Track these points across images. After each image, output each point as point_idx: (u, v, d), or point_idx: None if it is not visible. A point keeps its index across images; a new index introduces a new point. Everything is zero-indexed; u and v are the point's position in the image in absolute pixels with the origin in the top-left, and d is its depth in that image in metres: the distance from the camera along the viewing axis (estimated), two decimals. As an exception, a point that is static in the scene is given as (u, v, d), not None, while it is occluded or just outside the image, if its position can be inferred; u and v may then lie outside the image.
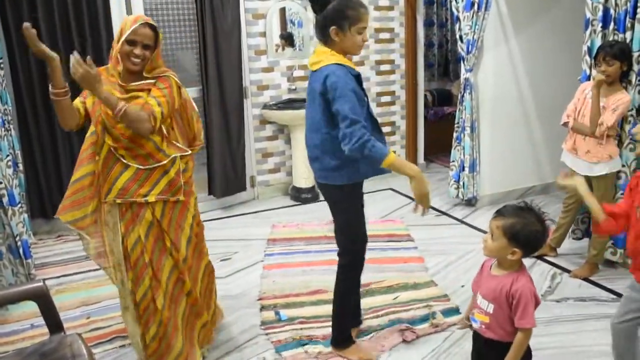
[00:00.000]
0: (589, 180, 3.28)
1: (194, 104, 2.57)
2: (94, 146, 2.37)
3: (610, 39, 3.22)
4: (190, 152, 2.50)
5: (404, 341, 2.73)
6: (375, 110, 5.55)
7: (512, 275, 1.85)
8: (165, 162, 2.34)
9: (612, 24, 3.22)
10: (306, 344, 2.71)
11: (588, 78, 3.38)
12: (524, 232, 1.79)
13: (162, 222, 2.37)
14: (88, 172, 2.38)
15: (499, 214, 1.86)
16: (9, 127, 3.51)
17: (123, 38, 2.19)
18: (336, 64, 2.27)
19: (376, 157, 2.19)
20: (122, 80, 2.28)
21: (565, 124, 3.31)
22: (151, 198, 2.33)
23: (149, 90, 2.29)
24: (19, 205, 3.34)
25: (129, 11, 4.48)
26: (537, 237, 1.81)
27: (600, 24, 3.27)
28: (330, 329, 2.69)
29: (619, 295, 3.11)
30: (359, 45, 2.33)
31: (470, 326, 2.02)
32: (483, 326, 1.90)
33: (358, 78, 2.33)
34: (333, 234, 2.64)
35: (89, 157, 2.38)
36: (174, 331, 2.43)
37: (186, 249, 2.45)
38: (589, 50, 3.35)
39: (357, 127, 2.15)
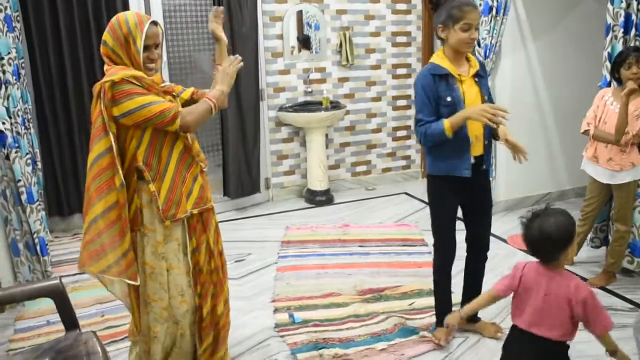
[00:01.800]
0: (608, 187, 3.25)
1: None
2: (111, 168, 2.01)
3: (632, 44, 3.18)
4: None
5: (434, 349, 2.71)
6: (391, 113, 5.55)
7: (562, 275, 1.92)
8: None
9: (633, 29, 3.18)
10: (323, 347, 2.70)
11: (608, 84, 3.34)
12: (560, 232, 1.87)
13: (217, 226, 2.33)
14: (111, 204, 2.01)
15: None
16: (29, 125, 3.55)
17: (141, 45, 2.01)
18: (430, 63, 2.49)
19: (438, 135, 2.39)
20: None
21: (586, 132, 3.26)
22: (213, 202, 2.28)
23: (169, 93, 2.17)
24: (37, 203, 3.37)
25: (147, 11, 4.51)
26: (569, 228, 1.90)
27: (622, 30, 3.23)
28: (346, 332, 2.79)
29: (636, 304, 3.07)
30: (465, 42, 2.40)
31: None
32: (523, 318, 1.95)
33: (443, 76, 2.43)
34: (347, 237, 2.68)
35: (107, 185, 2.00)
36: (225, 338, 2.41)
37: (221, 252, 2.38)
38: (610, 56, 3.30)
39: (418, 126, 2.45)
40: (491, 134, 2.62)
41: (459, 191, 2.57)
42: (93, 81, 4.26)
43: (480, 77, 2.56)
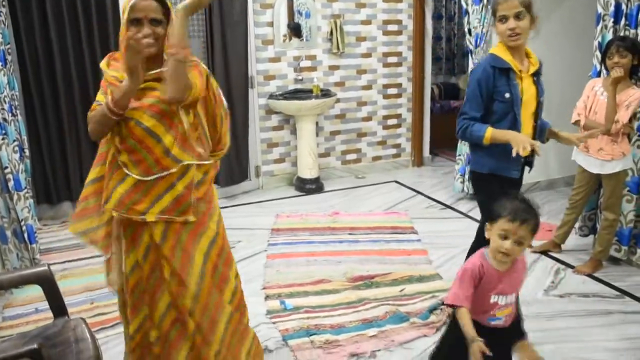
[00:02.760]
0: (597, 177, 3.28)
1: (223, 99, 2.06)
2: (107, 143, 1.96)
3: (622, 34, 3.19)
4: (210, 160, 2.01)
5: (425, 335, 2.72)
6: (381, 102, 5.54)
7: (518, 263, 1.90)
8: (173, 170, 1.87)
9: (623, 19, 3.19)
10: (314, 333, 2.71)
11: (599, 74, 3.35)
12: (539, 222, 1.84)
13: (163, 248, 1.90)
14: (98, 175, 1.99)
15: (522, 221, 1.76)
16: (15, 112, 3.51)
17: (124, 20, 1.77)
18: (490, 54, 2.42)
19: (476, 139, 2.35)
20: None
21: (577, 123, 3.28)
22: (150, 217, 1.87)
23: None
24: (25, 191, 3.34)
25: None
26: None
27: (612, 19, 3.24)
28: (337, 318, 2.79)
29: (623, 292, 3.11)
30: (505, 35, 2.34)
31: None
32: (508, 317, 1.92)
33: (504, 70, 2.34)
34: (337, 225, 2.60)
35: (102, 155, 1.99)
36: None
37: (198, 285, 1.93)
38: (600, 45, 3.32)
39: (461, 118, 2.40)
40: (541, 132, 2.58)
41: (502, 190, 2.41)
42: (81, 67, 4.28)
43: (539, 76, 2.47)
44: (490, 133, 2.30)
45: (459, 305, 1.81)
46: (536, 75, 2.45)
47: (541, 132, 2.60)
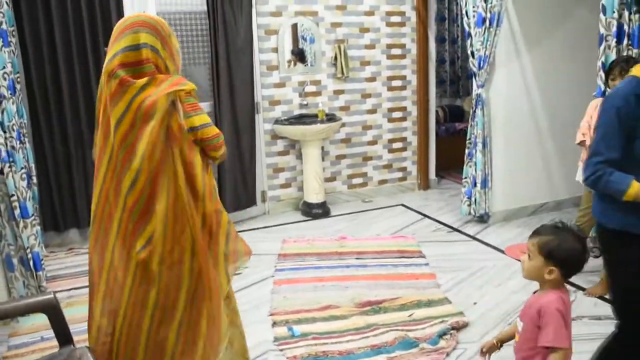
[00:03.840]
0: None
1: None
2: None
3: (625, 54, 3.20)
4: None
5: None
6: (386, 125, 5.56)
7: (547, 296, 1.79)
8: None
9: (626, 39, 3.21)
10: (322, 360, 2.68)
11: (603, 94, 3.35)
12: (559, 249, 1.74)
13: None
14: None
15: (535, 232, 1.81)
16: (24, 140, 3.54)
17: (179, 48, 1.94)
18: (632, 76, 1.94)
19: (614, 192, 1.90)
20: None
21: (582, 143, 3.27)
22: None
23: None
24: (32, 218, 3.35)
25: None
26: (575, 254, 1.75)
27: (615, 40, 3.26)
28: (346, 345, 2.72)
29: (636, 314, 3.05)
30: None
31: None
32: (515, 345, 1.86)
33: None
34: (344, 250, 2.52)
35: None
36: None
37: None
38: (603, 65, 3.33)
39: (593, 160, 1.93)
40: None
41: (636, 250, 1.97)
42: (89, 96, 4.33)
43: None
44: (636, 189, 1.84)
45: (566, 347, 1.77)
46: None
47: None
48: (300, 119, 5.03)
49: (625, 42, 3.21)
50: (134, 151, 1.75)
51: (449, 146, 6.24)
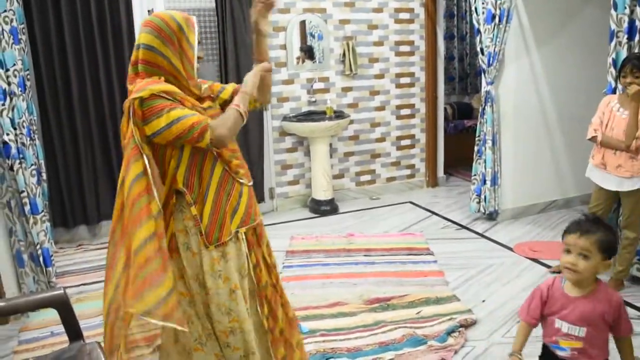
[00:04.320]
0: (615, 194, 3.23)
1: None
2: (146, 194, 1.77)
3: (636, 50, 3.17)
4: None
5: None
6: (395, 122, 5.55)
7: (601, 293, 1.79)
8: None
9: (637, 35, 3.17)
10: (331, 357, 2.68)
11: (613, 91, 3.32)
12: (614, 242, 1.80)
13: (263, 245, 2.12)
14: (148, 235, 1.74)
15: (585, 232, 1.73)
16: (34, 137, 3.57)
17: (196, 40, 1.90)
18: None
19: None
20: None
21: (593, 139, 3.24)
22: (260, 218, 2.10)
23: (212, 98, 2.04)
24: (42, 214, 3.37)
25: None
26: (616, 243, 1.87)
27: (626, 36, 3.22)
28: (354, 342, 2.71)
29: (647, 312, 3.03)
30: None
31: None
32: (575, 352, 1.82)
33: None
34: (352, 247, 2.52)
35: (144, 213, 1.75)
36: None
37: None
38: (614, 62, 3.29)
39: None
40: None
41: None
42: (98, 92, 4.35)
43: None
44: None
45: (521, 318, 1.88)
46: None
47: None
48: (309, 116, 5.03)
49: (637, 38, 3.17)
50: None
51: (457, 143, 6.21)
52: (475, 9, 4.38)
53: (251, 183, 2.05)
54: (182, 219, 1.92)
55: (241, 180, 1.98)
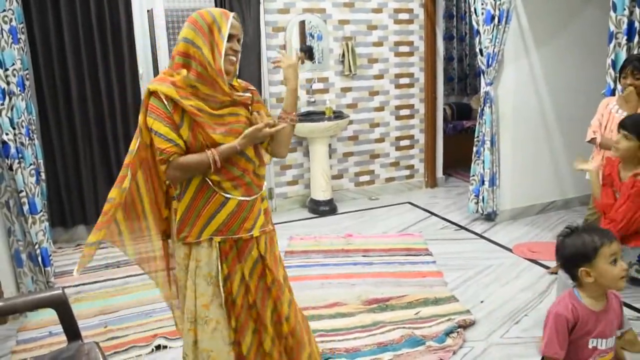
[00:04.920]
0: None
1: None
2: (127, 167, 1.98)
3: (635, 52, 3.17)
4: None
5: None
6: (394, 123, 5.55)
7: (611, 295, 1.79)
8: (264, 187, 2.10)
9: (636, 37, 3.18)
10: (329, 357, 2.67)
11: (612, 92, 3.33)
12: None
13: (267, 258, 2.05)
14: (111, 197, 2.01)
15: (613, 236, 1.72)
16: (33, 136, 3.56)
17: (227, 32, 1.87)
18: None
19: None
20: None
21: (592, 141, 3.24)
22: (256, 232, 2.02)
23: (246, 105, 2.02)
24: (41, 214, 3.37)
25: (150, 25, 4.55)
26: None
27: (625, 37, 3.23)
28: (352, 342, 2.69)
29: (645, 313, 3.04)
30: None
31: None
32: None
33: None
34: (350, 247, 2.52)
35: (120, 180, 1.99)
36: None
37: (289, 290, 2.16)
38: (613, 63, 3.30)
39: None
40: None
41: None
42: (97, 92, 4.35)
43: None
44: None
45: (556, 357, 1.69)
46: None
47: None
48: (308, 116, 5.03)
49: (636, 39, 3.18)
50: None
51: (456, 144, 6.21)
52: (475, 9, 4.38)
53: (248, 198, 1.99)
54: (172, 209, 2.09)
55: (226, 195, 1.94)
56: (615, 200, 2.39)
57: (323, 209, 5.06)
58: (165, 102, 1.83)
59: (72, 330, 2.08)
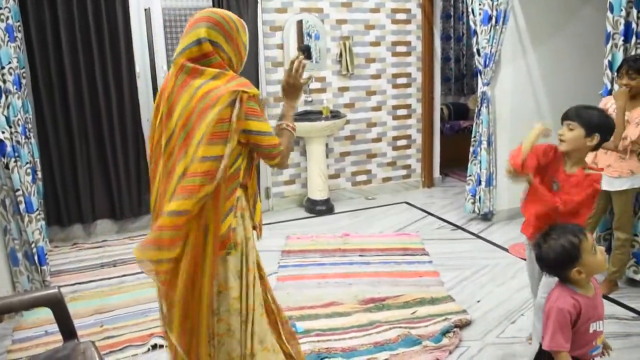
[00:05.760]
0: (608, 195, 3.24)
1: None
2: (208, 177, 1.77)
3: (632, 53, 3.18)
4: None
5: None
6: (391, 123, 5.55)
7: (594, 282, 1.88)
8: None
9: (634, 37, 3.18)
10: (325, 357, 2.68)
11: (609, 92, 3.33)
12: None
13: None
14: (185, 209, 1.78)
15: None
16: (29, 135, 3.55)
17: (247, 40, 1.97)
18: None
19: None
20: None
21: None
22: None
23: None
24: (37, 213, 3.36)
25: (148, 23, 4.54)
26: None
27: (622, 38, 3.23)
28: (349, 342, 2.70)
29: (639, 313, 3.05)
30: None
31: None
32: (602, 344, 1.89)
33: None
34: (347, 247, 2.54)
35: (193, 189, 1.78)
36: None
37: None
38: (610, 64, 3.31)
39: None
40: None
41: None
42: (94, 90, 4.33)
43: None
44: None
45: (562, 350, 1.75)
46: None
47: None
48: (305, 116, 5.02)
49: (633, 40, 3.19)
50: (192, 137, 1.78)
51: (453, 144, 6.22)
52: (472, 10, 4.39)
53: None
54: (237, 213, 1.97)
55: None
56: (550, 190, 2.34)
57: (320, 208, 5.06)
58: (258, 102, 1.87)
59: (68, 330, 2.07)
